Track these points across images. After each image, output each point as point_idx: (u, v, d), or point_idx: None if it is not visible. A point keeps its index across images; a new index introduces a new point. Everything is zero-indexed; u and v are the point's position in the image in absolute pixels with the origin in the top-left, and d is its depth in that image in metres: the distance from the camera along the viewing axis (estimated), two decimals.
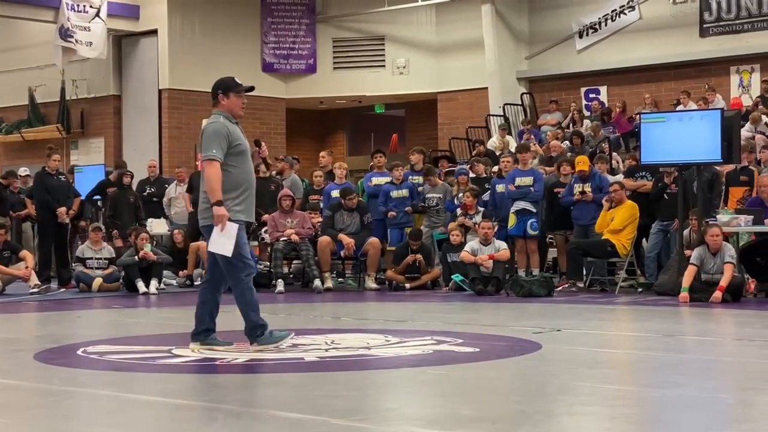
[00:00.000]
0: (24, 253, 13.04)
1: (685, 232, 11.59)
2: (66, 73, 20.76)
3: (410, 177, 13.88)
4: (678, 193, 11.59)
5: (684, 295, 10.34)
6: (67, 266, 13.56)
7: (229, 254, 6.52)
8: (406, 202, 13.46)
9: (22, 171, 16.69)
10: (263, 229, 13.50)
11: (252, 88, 6.94)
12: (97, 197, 15.35)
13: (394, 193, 13.48)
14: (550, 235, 13.30)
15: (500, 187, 13.13)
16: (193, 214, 14.54)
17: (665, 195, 12.20)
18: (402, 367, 6.21)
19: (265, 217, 13.24)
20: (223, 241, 6.46)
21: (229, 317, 7.09)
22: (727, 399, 5.08)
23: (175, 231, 14.27)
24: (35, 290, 12.37)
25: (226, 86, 6.77)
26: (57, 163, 13.69)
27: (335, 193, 13.60)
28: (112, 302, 11.57)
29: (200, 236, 13.96)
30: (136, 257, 12.66)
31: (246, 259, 6.70)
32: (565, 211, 12.78)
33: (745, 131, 14.63)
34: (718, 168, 12.16)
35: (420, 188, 13.77)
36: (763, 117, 15.69)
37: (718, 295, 10.16)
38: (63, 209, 13.27)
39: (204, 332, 6.75)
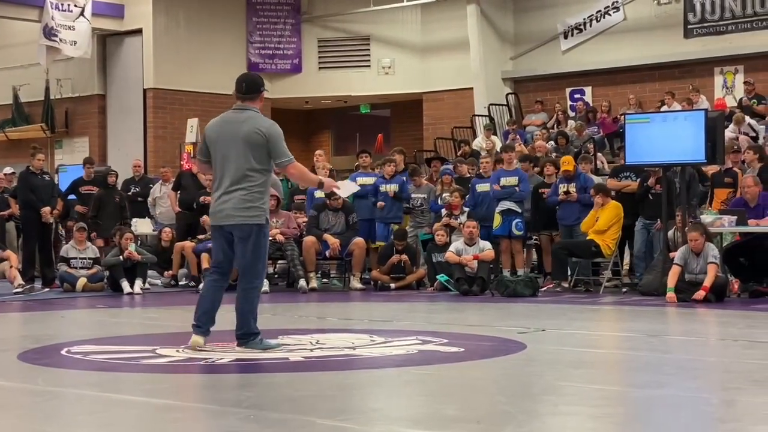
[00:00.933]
0: (8, 253, 12.98)
1: (669, 233, 11.64)
2: (50, 73, 20.69)
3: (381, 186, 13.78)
4: (662, 194, 11.64)
5: (671, 295, 10.36)
6: (51, 266, 13.49)
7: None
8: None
9: (7, 170, 16.62)
10: None
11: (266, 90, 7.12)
12: (72, 196, 15.23)
13: (383, 187, 13.45)
14: (535, 236, 13.32)
15: (480, 187, 13.15)
16: (180, 214, 14.49)
17: (650, 195, 12.25)
18: (387, 367, 6.22)
19: None
20: (350, 188, 7.28)
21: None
22: (711, 399, 5.10)
23: (166, 229, 14.21)
24: (19, 290, 12.32)
25: (264, 85, 6.82)
26: (41, 163, 13.63)
27: (319, 194, 13.60)
28: (96, 302, 11.52)
29: (187, 236, 13.97)
30: (120, 257, 12.61)
31: (265, 267, 6.82)
32: (550, 211, 12.80)
33: (729, 132, 14.70)
34: (693, 169, 12.19)
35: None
36: (747, 118, 15.76)
37: (700, 293, 10.20)
38: (47, 209, 13.21)
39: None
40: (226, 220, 6.55)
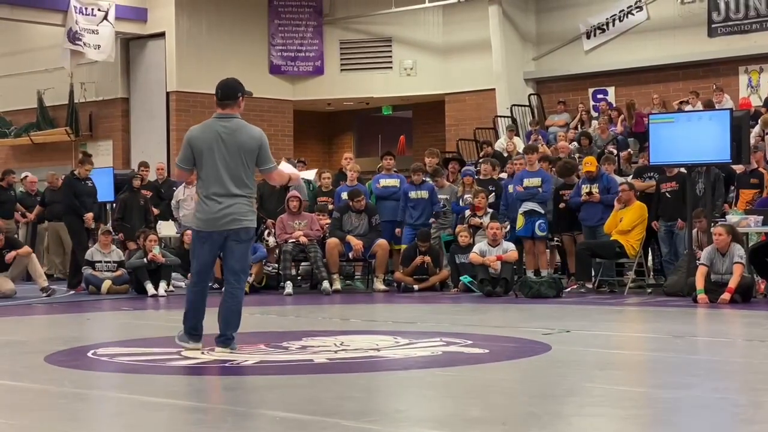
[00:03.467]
0: (26, 248, 13.03)
1: (694, 231, 11.58)
2: (74, 76, 20.82)
3: (424, 178, 13.83)
4: (687, 194, 11.59)
5: (703, 296, 10.27)
6: (80, 269, 13.55)
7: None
8: (424, 203, 13.38)
9: (23, 175, 16.71)
10: (266, 232, 13.51)
11: (251, 94, 7.07)
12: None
13: (413, 194, 13.41)
14: (557, 238, 13.27)
15: (512, 188, 13.11)
16: None
17: (667, 194, 12.22)
18: (411, 369, 6.22)
19: (269, 222, 13.33)
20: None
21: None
22: (738, 400, 5.07)
23: (188, 231, 14.22)
24: (45, 294, 12.38)
25: (243, 90, 6.80)
26: (88, 172, 13.68)
27: (345, 195, 13.61)
28: (121, 304, 11.59)
29: None
30: (144, 259, 12.67)
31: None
32: (572, 212, 12.76)
33: (753, 134, 14.56)
34: (717, 169, 12.12)
35: None
36: None
37: (726, 297, 10.13)
38: (90, 215, 13.29)
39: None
40: (233, 225, 6.60)
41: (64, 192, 13.91)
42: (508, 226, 12.75)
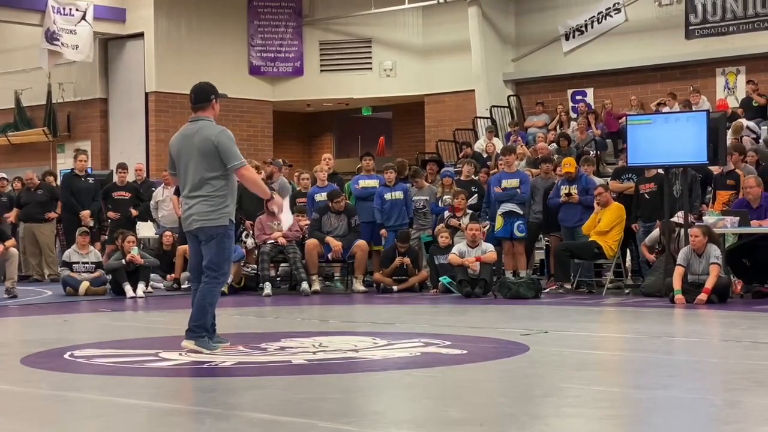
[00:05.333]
0: (11, 243, 12.92)
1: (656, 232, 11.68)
2: (52, 77, 20.72)
3: (386, 194, 13.65)
4: (664, 195, 11.64)
5: (680, 297, 10.33)
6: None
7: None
8: (400, 204, 13.38)
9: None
10: (244, 234, 13.48)
11: (225, 96, 7.24)
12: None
13: (388, 195, 13.40)
14: (546, 238, 13.30)
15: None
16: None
17: (646, 195, 12.28)
18: (389, 370, 6.22)
19: (248, 223, 13.30)
20: (289, 217, 7.53)
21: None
22: (714, 400, 5.10)
23: (167, 233, 14.20)
24: (7, 295, 12.28)
25: (217, 93, 7.01)
26: (83, 164, 13.61)
27: (319, 197, 13.60)
28: (99, 306, 11.53)
29: None
30: (123, 261, 12.62)
31: (230, 267, 7.08)
32: (554, 213, 12.81)
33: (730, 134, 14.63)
34: (694, 171, 12.19)
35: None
36: (744, 122, 15.64)
37: (702, 297, 10.19)
38: (87, 212, 13.19)
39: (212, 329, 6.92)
40: (192, 225, 6.88)
41: (61, 190, 13.87)
42: (488, 225, 12.80)
